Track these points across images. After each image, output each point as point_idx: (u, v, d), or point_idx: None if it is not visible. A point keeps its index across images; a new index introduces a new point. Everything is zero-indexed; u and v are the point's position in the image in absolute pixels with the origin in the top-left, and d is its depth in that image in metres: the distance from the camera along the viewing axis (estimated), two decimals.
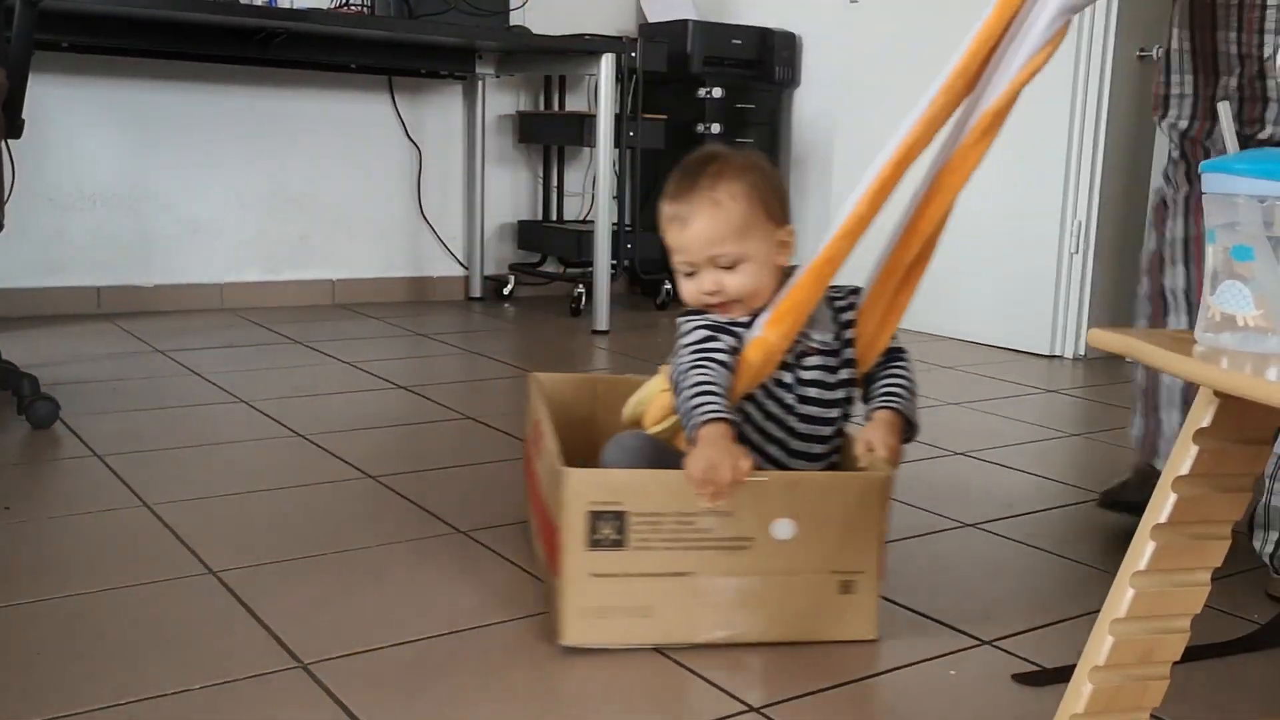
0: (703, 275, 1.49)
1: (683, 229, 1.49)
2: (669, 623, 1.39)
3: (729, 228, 1.48)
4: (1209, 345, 0.91)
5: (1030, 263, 3.53)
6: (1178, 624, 0.99)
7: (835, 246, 1.50)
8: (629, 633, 1.38)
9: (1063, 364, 3.40)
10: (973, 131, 1.53)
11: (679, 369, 1.44)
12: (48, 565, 1.59)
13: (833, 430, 1.50)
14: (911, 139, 1.52)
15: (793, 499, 1.39)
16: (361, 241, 4.16)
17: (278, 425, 2.37)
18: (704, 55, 4.26)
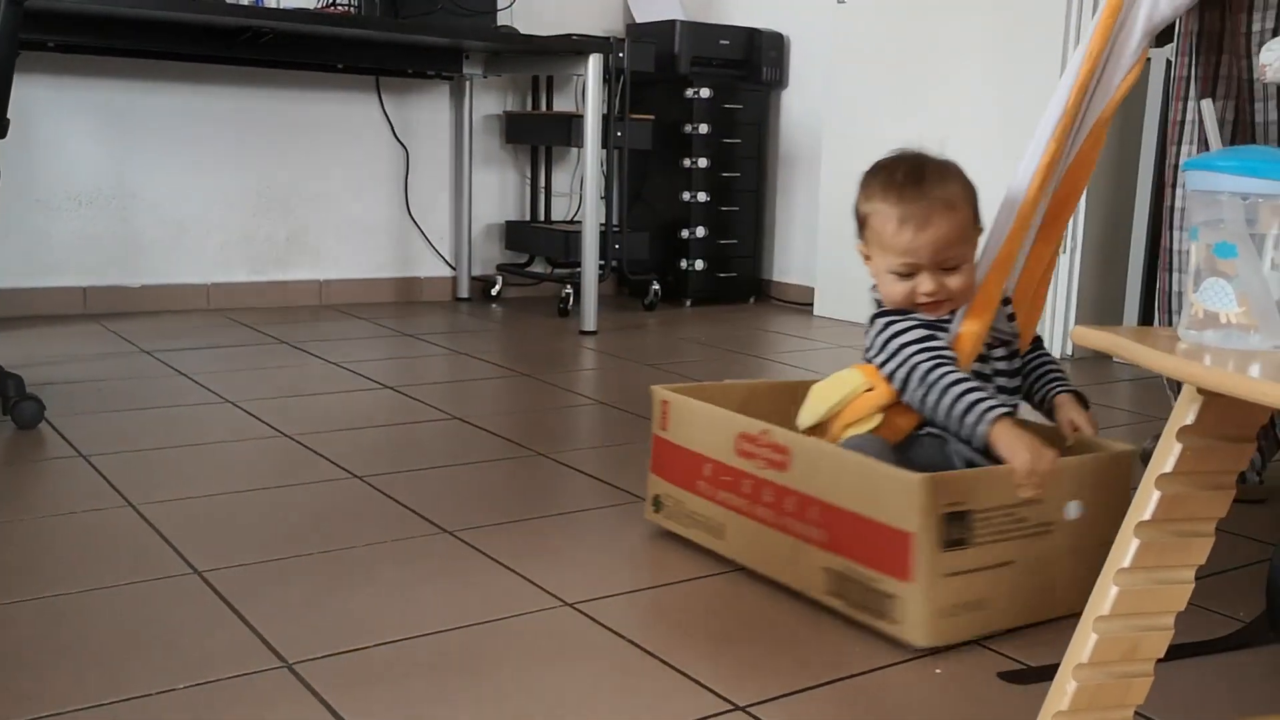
0: (923, 276, 1.54)
1: (917, 231, 1.54)
2: (999, 613, 1.45)
3: (960, 231, 1.57)
4: (1192, 342, 0.91)
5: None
6: (1162, 621, 0.99)
7: (1011, 244, 1.63)
8: (970, 627, 1.43)
9: None
10: (1089, 138, 1.72)
11: (914, 368, 1.50)
12: (32, 565, 1.58)
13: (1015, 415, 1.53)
14: (1054, 145, 1.71)
15: (1078, 481, 1.49)
16: (349, 242, 4.15)
17: (264, 425, 2.37)
18: (691, 56, 4.26)
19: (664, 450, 1.76)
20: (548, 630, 1.43)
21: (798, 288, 4.44)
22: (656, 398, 1.77)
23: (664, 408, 1.76)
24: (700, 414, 1.71)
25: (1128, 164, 3.52)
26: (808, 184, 4.39)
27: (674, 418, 1.74)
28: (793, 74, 4.47)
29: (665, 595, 1.56)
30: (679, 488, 1.73)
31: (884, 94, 3.91)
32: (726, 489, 1.65)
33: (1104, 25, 1.65)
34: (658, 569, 1.65)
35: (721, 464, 1.65)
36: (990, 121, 3.58)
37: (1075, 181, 1.73)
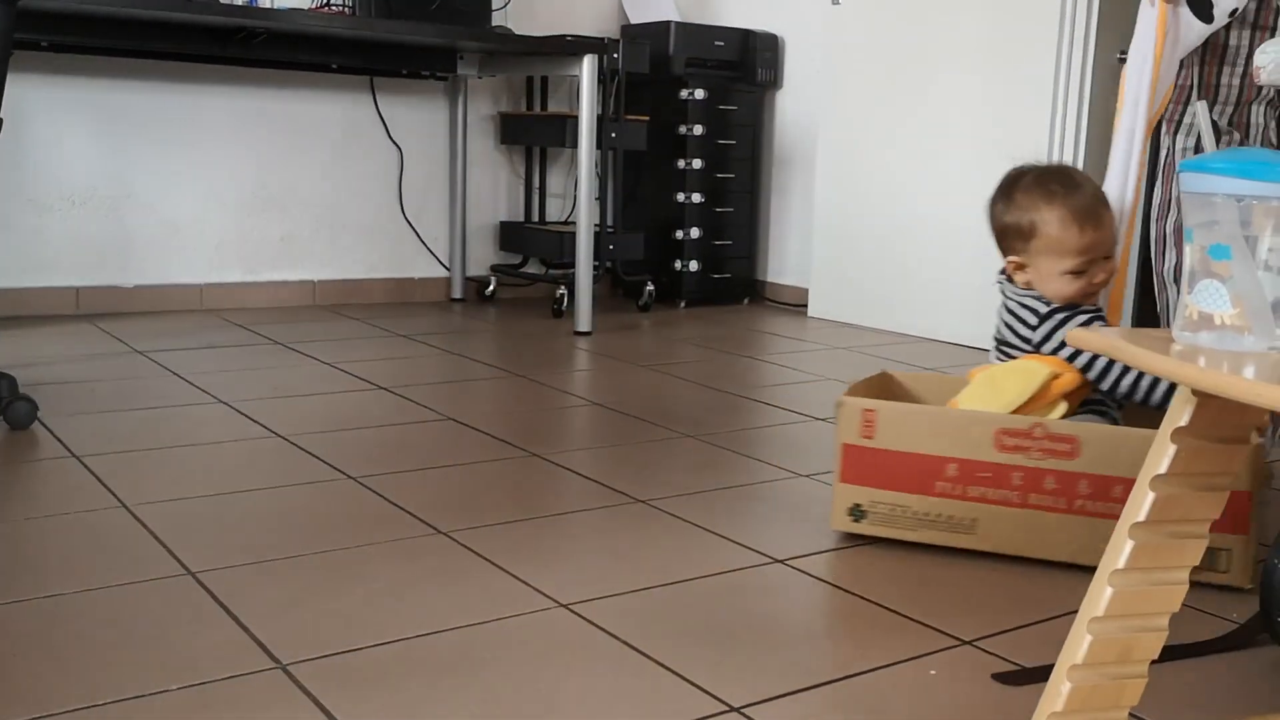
0: (1094, 269, 1.78)
1: (1094, 230, 1.75)
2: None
3: (1114, 221, 1.82)
4: (1186, 344, 0.91)
5: None
6: (1156, 623, 0.99)
7: (1128, 235, 1.88)
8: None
9: None
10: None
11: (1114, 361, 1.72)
12: (25, 566, 1.58)
13: None
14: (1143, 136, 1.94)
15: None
16: (343, 242, 4.15)
17: (258, 426, 2.36)
18: (686, 56, 4.26)
19: (868, 458, 1.78)
20: (542, 631, 1.43)
21: (792, 289, 4.45)
22: (855, 408, 1.78)
23: (868, 416, 1.77)
24: (934, 418, 1.77)
25: None
26: (802, 185, 4.40)
27: (884, 425, 1.76)
28: (787, 75, 4.47)
29: (659, 596, 1.56)
30: (901, 492, 1.76)
31: (879, 95, 3.91)
32: (982, 484, 1.72)
33: (1157, 49, 1.84)
34: (652, 570, 1.65)
35: (975, 461, 1.72)
36: (984, 122, 3.59)
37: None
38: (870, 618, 1.51)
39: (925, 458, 1.74)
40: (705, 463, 2.22)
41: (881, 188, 3.92)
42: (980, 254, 3.60)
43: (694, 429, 2.47)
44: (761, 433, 2.48)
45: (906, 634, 1.46)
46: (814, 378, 3.09)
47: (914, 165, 3.80)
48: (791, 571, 1.67)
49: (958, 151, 3.67)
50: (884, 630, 1.47)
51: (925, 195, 3.77)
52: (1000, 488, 1.71)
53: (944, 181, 3.71)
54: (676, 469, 2.17)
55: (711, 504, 1.96)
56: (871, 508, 1.79)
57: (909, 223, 3.83)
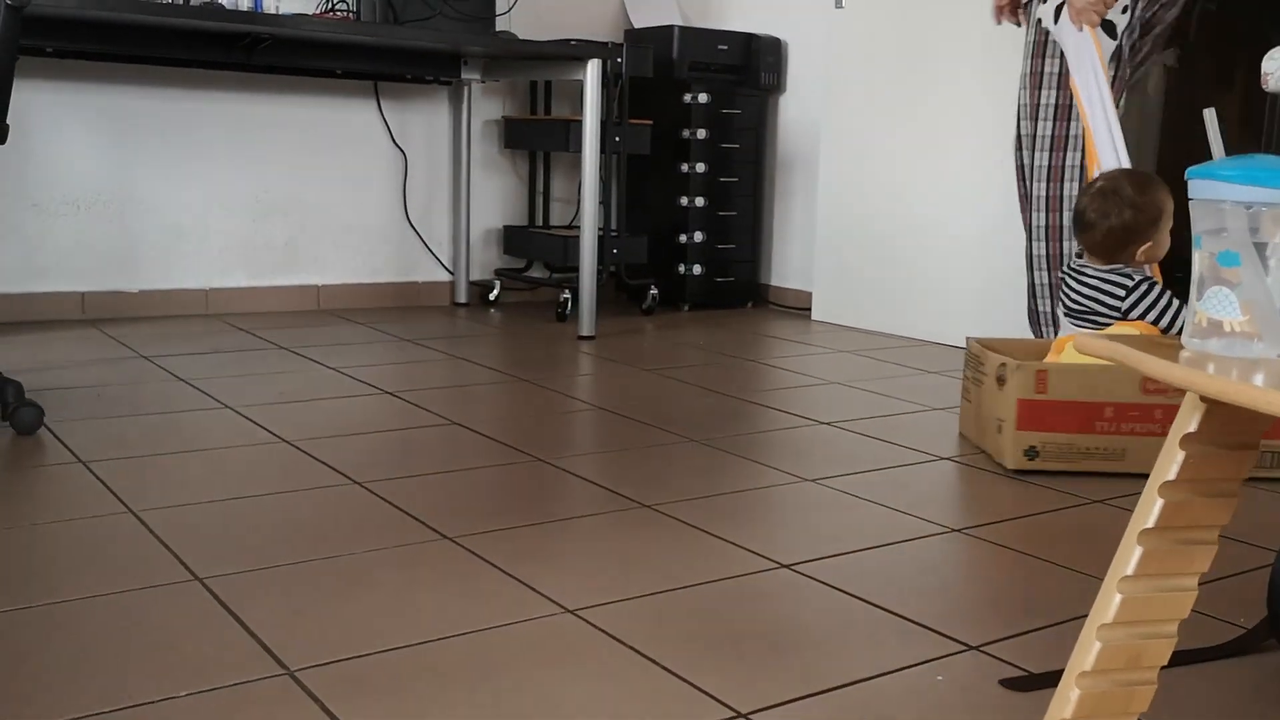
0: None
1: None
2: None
3: None
4: (1196, 351, 0.91)
5: (1011, 267, 3.54)
6: (1165, 629, 0.99)
7: None
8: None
9: None
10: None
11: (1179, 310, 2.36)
12: (32, 572, 1.58)
13: None
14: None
15: None
16: (347, 247, 4.15)
17: (263, 431, 2.37)
18: (690, 61, 4.26)
19: (1041, 409, 2.25)
20: (548, 637, 1.43)
21: (795, 292, 4.45)
22: (1029, 370, 2.24)
23: (1041, 376, 2.24)
24: (1094, 373, 2.23)
25: None
26: (805, 188, 4.40)
27: (1055, 382, 2.24)
28: (790, 79, 4.47)
29: (666, 601, 1.56)
30: (1068, 433, 2.25)
31: (882, 98, 3.91)
32: (1131, 420, 2.25)
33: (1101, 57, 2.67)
34: (659, 575, 1.65)
35: (1127, 404, 2.24)
36: (986, 125, 3.59)
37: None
38: (877, 623, 1.51)
39: (1087, 405, 2.24)
40: (710, 467, 2.22)
41: (885, 191, 3.92)
42: (980, 257, 3.60)
43: (698, 433, 2.47)
44: (766, 437, 2.48)
45: (913, 639, 1.46)
46: (818, 381, 3.09)
47: (917, 168, 3.80)
48: (798, 576, 1.66)
49: (960, 154, 3.67)
50: (891, 635, 1.47)
51: (928, 198, 3.77)
52: (1146, 422, 2.25)
53: (947, 184, 3.71)
54: (681, 473, 2.18)
55: (717, 508, 1.96)
56: (1043, 448, 2.26)
57: (912, 226, 3.83)
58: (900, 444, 2.45)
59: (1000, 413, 2.29)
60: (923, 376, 3.20)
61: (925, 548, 1.82)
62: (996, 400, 2.31)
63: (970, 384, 2.49)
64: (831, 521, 1.92)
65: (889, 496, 2.07)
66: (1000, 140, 3.55)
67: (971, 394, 2.48)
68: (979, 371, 2.43)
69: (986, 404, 2.38)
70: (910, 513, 1.98)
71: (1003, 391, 2.29)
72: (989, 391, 2.36)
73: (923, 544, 1.83)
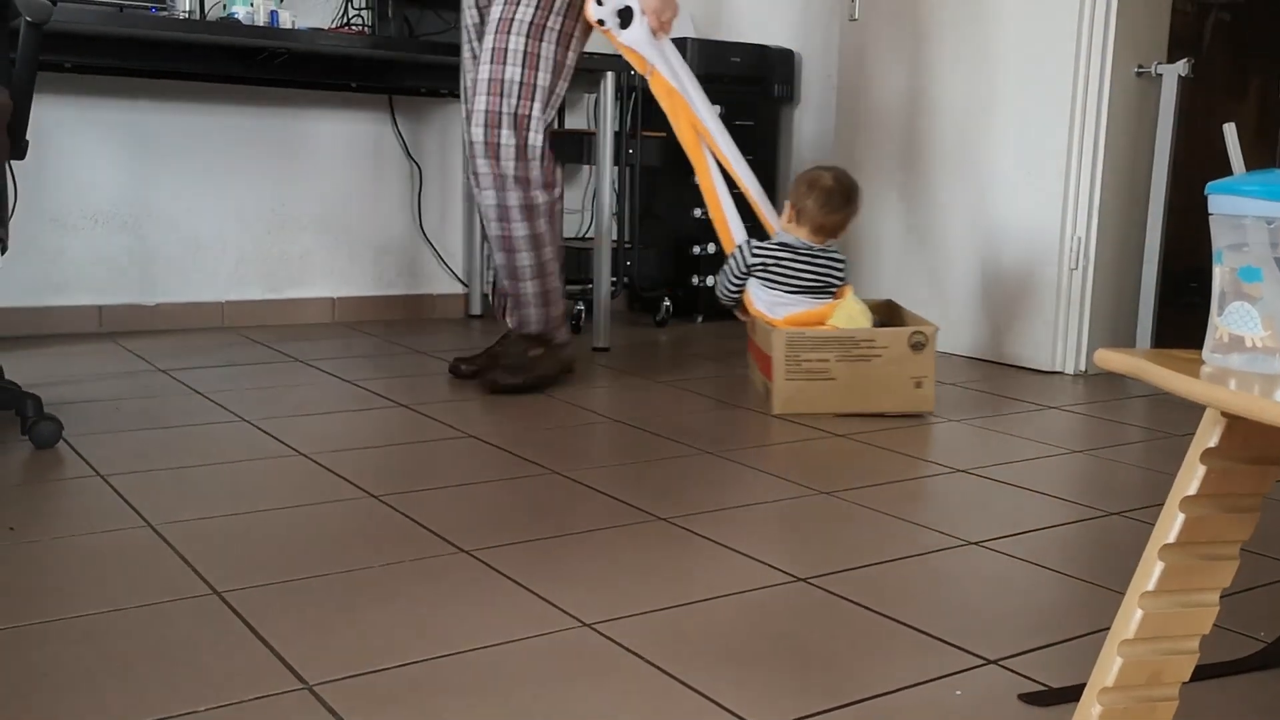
0: None
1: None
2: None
3: None
4: (1217, 366, 0.91)
5: (1030, 279, 3.54)
6: (1186, 645, 0.99)
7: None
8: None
9: (1063, 380, 3.40)
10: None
11: None
12: (52, 587, 1.59)
13: None
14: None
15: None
16: (362, 259, 4.17)
17: (280, 444, 2.37)
18: (703, 73, 4.25)
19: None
20: (567, 651, 1.43)
21: None
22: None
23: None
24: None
25: (1139, 182, 3.52)
26: None
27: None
28: (804, 90, 4.48)
29: (683, 615, 1.56)
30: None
31: (895, 110, 3.91)
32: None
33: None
34: (676, 588, 1.65)
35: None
36: (1002, 137, 3.59)
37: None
38: (895, 636, 1.51)
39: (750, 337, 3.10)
40: (725, 479, 2.22)
41: (897, 202, 3.91)
42: (999, 269, 3.60)
43: (713, 445, 2.47)
44: (780, 449, 2.48)
45: (931, 653, 1.46)
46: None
47: (930, 179, 3.80)
48: (815, 590, 1.66)
49: (974, 165, 3.67)
50: (909, 649, 1.47)
51: (942, 210, 3.77)
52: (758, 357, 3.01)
53: (960, 195, 3.71)
54: (697, 486, 2.18)
55: (733, 521, 1.96)
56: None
57: (925, 236, 3.83)
58: (914, 455, 2.44)
59: (922, 371, 2.81)
60: (937, 388, 3.20)
61: (942, 560, 1.81)
62: (914, 362, 2.81)
63: (834, 364, 2.80)
64: (847, 534, 1.92)
65: (903, 509, 2.06)
66: (1015, 151, 3.54)
67: (835, 372, 2.81)
68: (853, 351, 2.80)
69: (885, 371, 2.81)
70: (927, 525, 1.98)
71: (921, 355, 2.80)
72: (890, 360, 2.80)
73: (939, 556, 1.83)
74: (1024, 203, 3.55)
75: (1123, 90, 3.42)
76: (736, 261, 3.02)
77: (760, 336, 2.98)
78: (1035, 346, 3.54)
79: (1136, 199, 3.52)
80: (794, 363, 2.78)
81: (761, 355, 2.97)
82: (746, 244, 3.03)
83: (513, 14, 2.82)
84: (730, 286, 3.06)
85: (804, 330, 2.83)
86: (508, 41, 2.81)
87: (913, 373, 2.82)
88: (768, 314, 2.95)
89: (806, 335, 2.80)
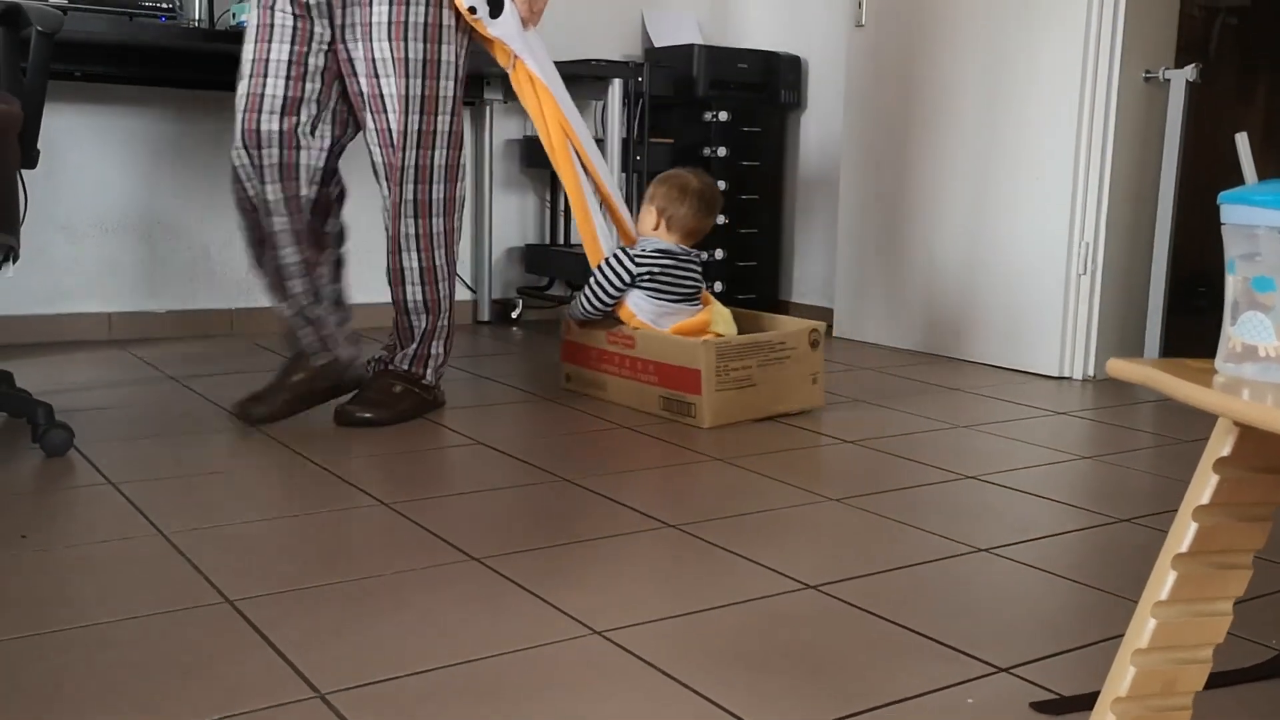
0: None
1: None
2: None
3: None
4: (1230, 376, 0.91)
5: (1038, 284, 3.54)
6: (1200, 654, 0.99)
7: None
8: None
9: (1072, 385, 3.40)
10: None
11: None
12: (64, 595, 1.59)
13: None
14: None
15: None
16: (370, 267, 4.16)
17: (290, 452, 2.38)
18: (710, 79, 4.28)
19: (573, 348, 3.18)
20: (578, 659, 1.43)
21: (816, 309, 4.45)
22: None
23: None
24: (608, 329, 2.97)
25: (1147, 187, 3.52)
26: (826, 205, 4.40)
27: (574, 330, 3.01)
28: (810, 96, 4.48)
29: (694, 622, 1.56)
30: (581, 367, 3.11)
31: (902, 115, 3.92)
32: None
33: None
34: (686, 595, 1.65)
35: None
36: (1009, 141, 3.59)
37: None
38: (906, 644, 1.51)
39: (586, 346, 2.99)
40: (735, 487, 2.22)
41: (905, 207, 3.92)
42: (1007, 275, 3.60)
43: (722, 452, 2.47)
44: (788, 456, 2.48)
45: (943, 661, 1.46)
46: (840, 399, 3.09)
47: (938, 185, 3.80)
48: (825, 597, 1.66)
49: (982, 170, 3.67)
50: (920, 657, 1.47)
51: (949, 215, 3.77)
52: (611, 364, 2.92)
53: (968, 201, 3.71)
54: (706, 493, 2.18)
55: (742, 528, 1.96)
56: (573, 375, 3.06)
57: (933, 242, 3.83)
58: (923, 462, 2.44)
59: (816, 368, 2.88)
60: (944, 393, 3.20)
61: (952, 567, 1.81)
62: (810, 360, 2.87)
63: (756, 369, 2.77)
64: (857, 541, 1.92)
65: (913, 515, 2.06)
66: (1022, 155, 3.54)
67: (757, 378, 2.77)
68: (770, 355, 2.79)
69: (792, 372, 2.84)
70: (937, 532, 1.98)
71: (817, 351, 2.89)
72: (796, 360, 2.83)
73: (950, 564, 1.83)
74: (1032, 208, 3.54)
75: (1131, 95, 3.42)
76: (615, 272, 2.84)
77: (653, 347, 2.81)
78: (1043, 352, 3.54)
79: (1145, 204, 3.52)
80: (723, 373, 2.70)
81: (665, 369, 2.77)
82: (624, 253, 2.85)
83: (405, 15, 2.53)
84: (606, 300, 2.88)
85: (725, 339, 2.77)
86: (406, 50, 2.55)
87: (810, 370, 2.86)
88: (652, 325, 2.85)
89: (731, 344, 2.73)
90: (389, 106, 2.57)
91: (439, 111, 2.63)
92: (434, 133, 2.63)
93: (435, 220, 2.71)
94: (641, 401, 2.85)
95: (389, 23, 2.51)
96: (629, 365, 2.89)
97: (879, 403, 3.06)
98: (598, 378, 2.98)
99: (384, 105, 2.58)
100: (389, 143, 2.61)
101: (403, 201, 2.66)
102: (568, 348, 3.08)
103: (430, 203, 2.69)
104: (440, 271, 2.74)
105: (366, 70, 2.55)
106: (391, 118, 2.58)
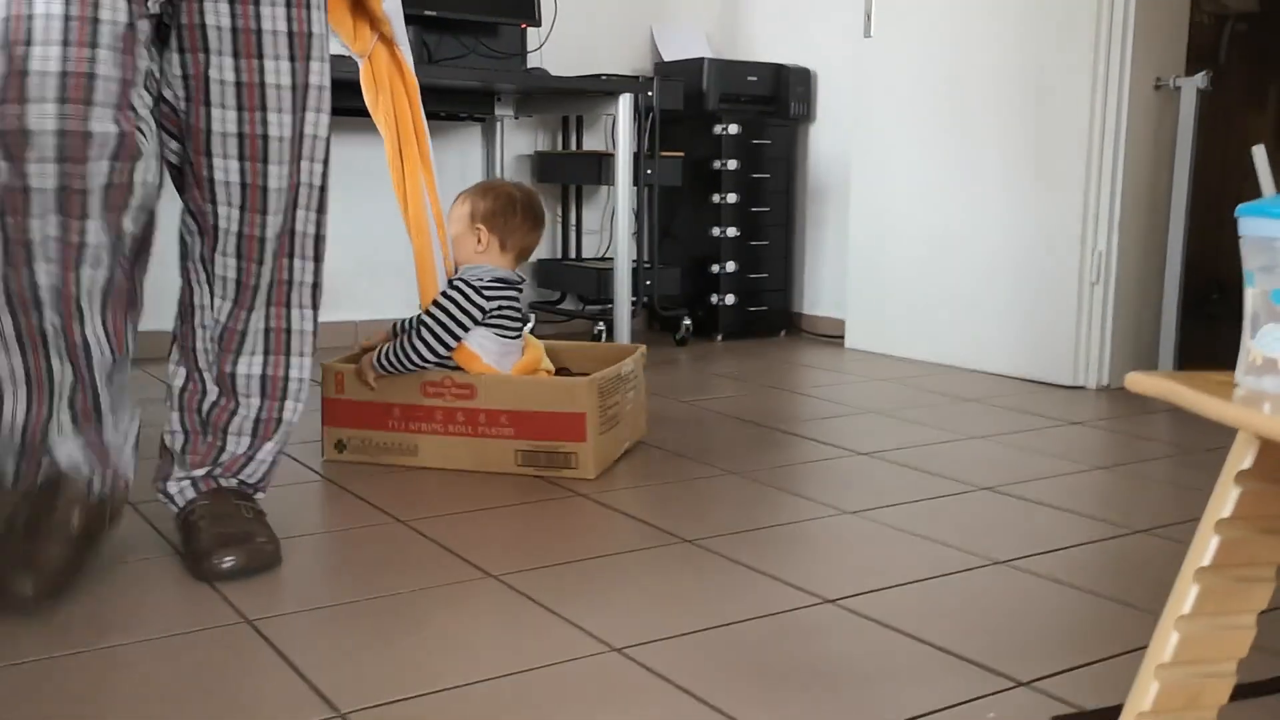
0: None
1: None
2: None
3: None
4: (1250, 389, 0.91)
5: (1051, 293, 3.53)
6: (1224, 668, 0.98)
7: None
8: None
9: (1085, 395, 3.39)
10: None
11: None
12: (83, 616, 1.60)
13: None
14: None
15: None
16: (383, 283, 4.19)
17: (304, 468, 2.38)
18: (720, 92, 4.29)
19: (341, 407, 2.50)
20: (597, 676, 1.43)
21: (828, 320, 4.45)
22: (330, 371, 2.26)
23: (339, 378, 2.45)
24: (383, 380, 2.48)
25: (1159, 195, 3.51)
26: (837, 217, 4.40)
27: (349, 383, 2.28)
28: (820, 109, 4.49)
29: (712, 638, 1.56)
30: (367, 430, 2.46)
31: (912, 126, 3.92)
32: (419, 420, 2.42)
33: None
34: (703, 611, 1.65)
35: (411, 405, 2.41)
36: (1019, 151, 3.59)
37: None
38: (925, 658, 1.50)
39: (377, 404, 2.43)
40: (750, 500, 2.22)
41: (916, 218, 3.92)
42: (1020, 285, 3.59)
43: (737, 465, 2.47)
44: (804, 468, 2.48)
45: (962, 675, 1.45)
46: (854, 411, 3.09)
47: (948, 195, 3.80)
48: (843, 611, 1.66)
49: (992, 181, 3.67)
50: (939, 671, 1.46)
51: (960, 225, 3.77)
52: (429, 421, 2.40)
53: (979, 211, 3.71)
54: (722, 507, 2.18)
55: (759, 543, 1.96)
56: (349, 441, 2.45)
57: (944, 253, 3.83)
58: (938, 474, 2.44)
59: (643, 394, 2.70)
60: (958, 404, 3.19)
61: (969, 580, 1.81)
62: (643, 386, 2.70)
63: (622, 404, 2.50)
64: (874, 555, 1.92)
65: (929, 528, 2.06)
66: (1032, 165, 3.54)
67: (619, 414, 2.48)
68: (628, 387, 2.56)
69: (636, 402, 2.64)
70: (953, 544, 1.97)
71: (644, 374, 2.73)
72: (638, 389, 2.64)
73: (966, 576, 1.82)
74: (1044, 217, 3.54)
75: (1142, 103, 3.41)
76: (464, 310, 2.37)
77: (506, 394, 2.35)
78: (1057, 362, 3.53)
79: (1157, 211, 3.51)
80: (604, 414, 2.38)
81: (526, 418, 2.34)
82: (467, 285, 2.38)
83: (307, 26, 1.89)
84: (450, 344, 2.36)
85: (602, 374, 2.40)
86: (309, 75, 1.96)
87: (643, 396, 2.69)
88: (496, 367, 2.41)
89: (606, 380, 2.39)
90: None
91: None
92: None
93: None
94: (484, 461, 2.36)
95: (289, 32, 1.88)
96: (462, 420, 2.37)
97: (893, 414, 3.06)
98: (403, 441, 2.41)
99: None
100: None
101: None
102: (336, 408, 2.44)
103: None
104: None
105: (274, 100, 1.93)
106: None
